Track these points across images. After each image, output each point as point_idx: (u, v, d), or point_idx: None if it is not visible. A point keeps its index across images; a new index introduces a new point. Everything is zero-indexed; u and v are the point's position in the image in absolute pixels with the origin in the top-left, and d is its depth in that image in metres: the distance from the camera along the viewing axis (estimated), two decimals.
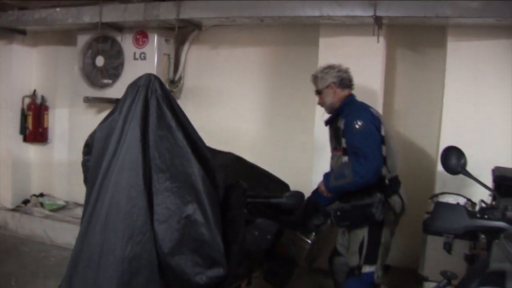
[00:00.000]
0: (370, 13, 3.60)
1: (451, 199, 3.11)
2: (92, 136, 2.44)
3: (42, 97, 5.76)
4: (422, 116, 4.31)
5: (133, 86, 2.31)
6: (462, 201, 3.08)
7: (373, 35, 3.79)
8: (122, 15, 4.39)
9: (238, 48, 4.92)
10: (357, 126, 3.03)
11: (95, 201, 2.22)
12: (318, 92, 3.31)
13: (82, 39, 5.03)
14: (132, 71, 4.74)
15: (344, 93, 3.27)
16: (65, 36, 5.51)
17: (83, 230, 2.23)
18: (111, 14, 4.46)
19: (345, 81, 3.27)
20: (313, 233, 3.29)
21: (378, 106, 4.07)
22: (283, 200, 2.76)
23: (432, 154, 4.14)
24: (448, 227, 2.21)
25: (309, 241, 3.25)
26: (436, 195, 3.28)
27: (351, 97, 3.29)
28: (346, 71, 3.31)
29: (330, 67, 3.31)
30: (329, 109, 3.31)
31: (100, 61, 4.95)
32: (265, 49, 4.82)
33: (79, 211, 5.42)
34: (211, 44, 4.98)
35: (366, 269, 3.12)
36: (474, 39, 3.77)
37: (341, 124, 3.15)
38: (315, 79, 3.32)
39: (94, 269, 2.13)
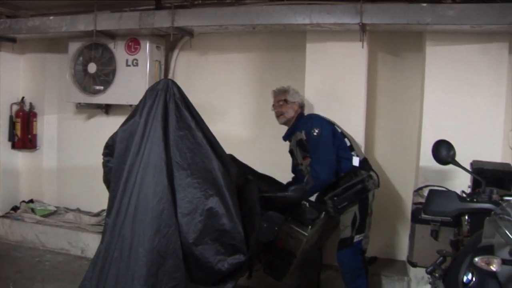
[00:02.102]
0: (356, 20, 3.81)
1: None
2: (113, 138, 2.60)
3: (31, 104, 5.79)
4: (403, 116, 4.52)
5: (152, 91, 2.50)
6: None
7: (360, 41, 4.00)
8: (117, 23, 4.48)
9: (226, 54, 5.04)
10: (314, 134, 3.67)
11: (121, 197, 2.38)
12: (284, 102, 3.91)
13: (74, 46, 5.11)
14: (124, 78, 4.91)
15: (299, 112, 3.95)
16: (53, 44, 5.58)
17: (112, 223, 2.40)
18: (106, 22, 4.54)
19: (303, 106, 4.02)
20: (309, 227, 3.45)
21: (361, 107, 4.31)
22: (288, 194, 2.97)
23: (413, 151, 4.35)
24: (442, 210, 2.46)
25: (306, 234, 3.39)
26: (421, 188, 3.44)
27: (302, 114, 3.97)
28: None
29: (297, 91, 4.01)
30: (285, 120, 3.94)
31: (92, 67, 5.03)
32: (253, 55, 4.96)
33: (70, 216, 5.51)
34: (200, 50, 5.09)
35: (357, 238, 3.68)
36: (451, 44, 4.01)
37: (302, 135, 3.75)
38: (285, 91, 3.95)
39: (126, 259, 2.29)
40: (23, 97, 5.79)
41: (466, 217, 2.81)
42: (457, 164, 2.81)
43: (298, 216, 3.48)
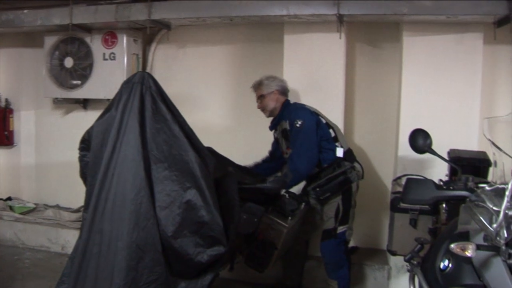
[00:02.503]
0: (334, 11, 3.82)
1: None
2: (89, 132, 2.57)
3: (6, 100, 5.69)
4: (381, 106, 4.55)
5: (128, 84, 2.47)
6: None
7: (337, 31, 4.01)
8: (93, 16, 4.42)
9: (204, 47, 5.02)
10: (297, 125, 3.64)
11: (98, 191, 2.37)
12: (262, 97, 3.86)
13: (49, 41, 5.04)
14: (102, 72, 4.86)
15: (283, 99, 3.87)
16: (29, 38, 5.48)
17: (90, 218, 2.38)
18: (81, 15, 4.48)
19: (285, 90, 3.90)
20: (289, 218, 3.46)
21: (340, 98, 4.33)
22: (268, 185, 2.98)
23: (392, 140, 4.37)
24: (419, 198, 2.49)
25: (286, 225, 3.40)
26: (400, 177, 3.48)
27: (287, 101, 3.89)
28: (285, 82, 3.95)
29: (274, 77, 3.92)
30: (269, 113, 3.90)
31: (69, 62, 4.97)
32: (231, 47, 4.94)
33: (49, 213, 5.43)
34: (178, 43, 5.06)
35: (340, 229, 3.70)
36: (427, 34, 4.05)
37: (287, 125, 3.74)
38: (259, 85, 3.89)
39: (105, 254, 2.28)
40: None
41: (444, 205, 2.87)
42: (433, 152, 2.85)
43: (278, 208, 3.48)
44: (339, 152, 3.72)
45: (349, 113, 4.56)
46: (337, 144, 3.74)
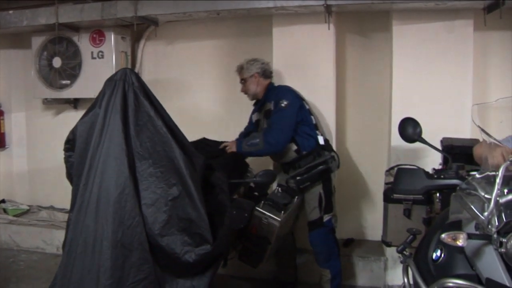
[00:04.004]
0: (321, 2, 3.77)
1: None
2: (73, 132, 2.53)
3: None
4: (373, 96, 4.52)
5: (110, 81, 2.43)
6: None
7: (325, 22, 3.97)
8: (79, 15, 4.38)
9: (193, 42, 4.99)
10: (282, 105, 3.62)
11: (83, 191, 2.33)
12: (243, 81, 3.86)
13: (37, 41, 4.99)
14: (90, 70, 4.81)
15: (266, 82, 3.86)
16: (17, 39, 5.43)
17: (74, 219, 2.34)
18: (68, 14, 4.43)
19: (267, 72, 3.87)
20: (282, 212, 3.43)
21: (331, 89, 4.30)
22: (257, 179, 2.94)
23: (384, 130, 4.34)
24: (410, 188, 2.46)
25: (279, 219, 3.37)
26: (392, 168, 3.39)
27: (271, 84, 3.88)
28: (267, 64, 3.93)
29: (255, 60, 3.88)
30: (252, 96, 3.91)
31: (57, 62, 4.93)
32: (220, 42, 4.92)
33: (44, 214, 5.41)
34: (167, 39, 5.04)
35: (326, 217, 3.71)
36: (417, 23, 4.01)
37: (271, 105, 3.72)
38: (241, 69, 3.88)
39: (90, 254, 2.25)
40: None
41: (438, 195, 2.83)
42: (423, 141, 2.82)
43: (270, 201, 3.46)
44: (321, 140, 3.75)
45: (340, 104, 4.53)
46: (317, 132, 3.78)
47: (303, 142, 3.71)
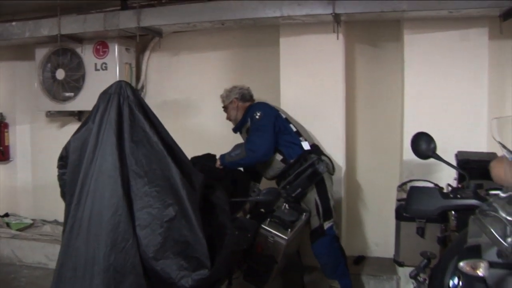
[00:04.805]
0: (329, 11, 3.67)
1: (419, 185, 3.20)
2: (66, 148, 2.40)
3: (1, 115, 5.61)
4: (384, 108, 4.40)
5: (105, 94, 2.31)
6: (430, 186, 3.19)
7: (333, 32, 3.87)
8: (82, 26, 4.31)
9: (198, 53, 4.92)
10: (257, 117, 3.67)
11: (75, 211, 2.20)
12: (225, 108, 3.98)
13: (40, 53, 4.93)
14: (94, 83, 4.72)
15: (245, 105, 3.91)
16: (22, 51, 5.38)
17: (65, 241, 2.21)
18: (70, 25, 4.37)
19: (246, 96, 3.95)
20: (289, 230, 3.31)
21: (340, 101, 4.21)
22: (260, 197, 2.80)
23: (396, 144, 4.22)
24: (424, 209, 2.29)
25: (286, 237, 3.25)
26: (405, 183, 3.30)
27: (249, 106, 3.90)
28: (247, 89, 4.00)
29: (234, 87, 3.99)
30: (234, 121, 3.96)
31: (60, 74, 4.86)
32: (226, 52, 4.84)
33: (47, 229, 5.31)
34: (172, 50, 4.97)
35: (326, 224, 3.61)
36: (429, 32, 3.88)
37: (249, 123, 3.76)
38: (222, 98, 4.00)
39: (81, 279, 2.11)
40: None
41: (453, 212, 2.67)
42: (438, 158, 2.64)
43: (277, 219, 3.33)
44: (306, 145, 3.70)
45: (350, 117, 4.41)
46: (301, 138, 3.74)
47: (287, 151, 3.68)
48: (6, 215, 5.64)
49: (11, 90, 5.62)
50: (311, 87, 4.21)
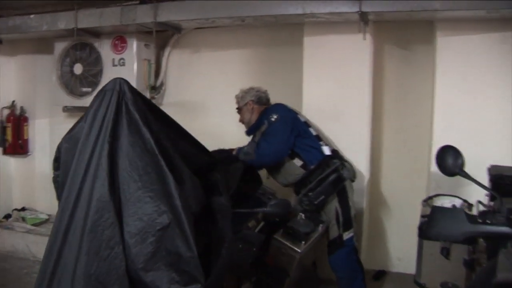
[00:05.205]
0: (355, 9, 3.47)
1: (446, 201, 2.98)
2: (59, 149, 2.24)
3: (21, 108, 5.56)
4: (412, 115, 4.21)
5: (100, 92, 2.13)
6: (458, 202, 2.95)
7: (359, 32, 3.67)
8: (98, 20, 4.22)
9: (220, 51, 4.78)
10: (273, 119, 3.50)
11: (60, 215, 2.04)
12: (239, 110, 3.81)
13: (59, 47, 4.86)
14: (111, 78, 4.58)
15: (261, 108, 3.72)
16: (43, 44, 5.32)
17: (48, 248, 2.07)
18: (87, 19, 4.29)
19: (262, 99, 3.76)
20: (303, 242, 3.14)
21: (366, 106, 4.02)
22: (268, 209, 2.60)
23: (424, 153, 4.00)
24: (446, 234, 2.04)
25: (299, 250, 3.09)
26: (431, 198, 3.09)
27: (264, 109, 3.71)
28: (265, 92, 3.82)
29: (251, 88, 3.81)
30: (247, 124, 3.79)
31: (78, 68, 4.77)
32: (248, 51, 4.68)
33: None
34: (193, 47, 4.84)
35: (346, 235, 3.44)
36: (465, 34, 3.66)
37: (266, 125, 3.56)
38: (237, 98, 3.83)
39: (60, 286, 1.96)
40: (13, 101, 5.56)
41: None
42: (465, 175, 2.37)
43: (291, 230, 3.15)
44: (326, 150, 3.54)
45: (376, 123, 4.22)
46: (321, 143, 3.58)
47: (308, 156, 3.50)
48: (23, 209, 5.60)
49: (32, 84, 5.57)
50: (335, 90, 4.04)
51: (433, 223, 2.08)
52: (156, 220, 1.99)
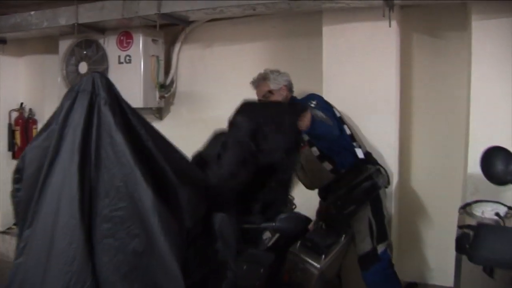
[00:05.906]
0: None
1: (488, 209, 2.62)
2: (23, 158, 1.89)
3: (30, 110, 5.39)
4: (446, 109, 3.87)
5: (71, 91, 1.79)
6: (502, 210, 2.59)
7: (384, 18, 3.32)
8: (99, 14, 3.98)
9: (233, 45, 4.51)
10: (312, 105, 3.08)
11: (26, 239, 1.72)
12: (270, 93, 3.35)
13: (64, 45, 4.64)
14: (117, 77, 4.28)
15: (290, 96, 3.39)
16: (51, 44, 5.10)
17: (12, 277, 1.75)
18: (87, 14, 4.06)
19: (291, 86, 3.43)
20: (323, 256, 2.83)
21: (392, 101, 3.72)
22: (276, 225, 2.25)
23: (459, 153, 3.65)
24: (498, 259, 1.66)
25: (318, 266, 2.79)
26: (469, 204, 2.77)
27: (291, 98, 3.41)
28: (290, 77, 3.46)
29: (280, 72, 3.42)
30: None
31: (83, 67, 4.54)
32: (263, 44, 4.41)
33: None
34: (204, 42, 4.59)
35: (381, 248, 3.14)
36: (503, 16, 3.28)
37: None
38: (265, 79, 3.37)
39: None
40: (22, 103, 5.39)
41: None
42: None
43: (309, 242, 2.85)
44: (360, 153, 3.22)
45: (405, 119, 3.90)
46: (354, 144, 3.26)
47: (339, 159, 3.18)
48: None
49: (40, 85, 5.38)
50: (358, 85, 3.75)
51: (478, 245, 1.71)
52: (128, 245, 1.64)
